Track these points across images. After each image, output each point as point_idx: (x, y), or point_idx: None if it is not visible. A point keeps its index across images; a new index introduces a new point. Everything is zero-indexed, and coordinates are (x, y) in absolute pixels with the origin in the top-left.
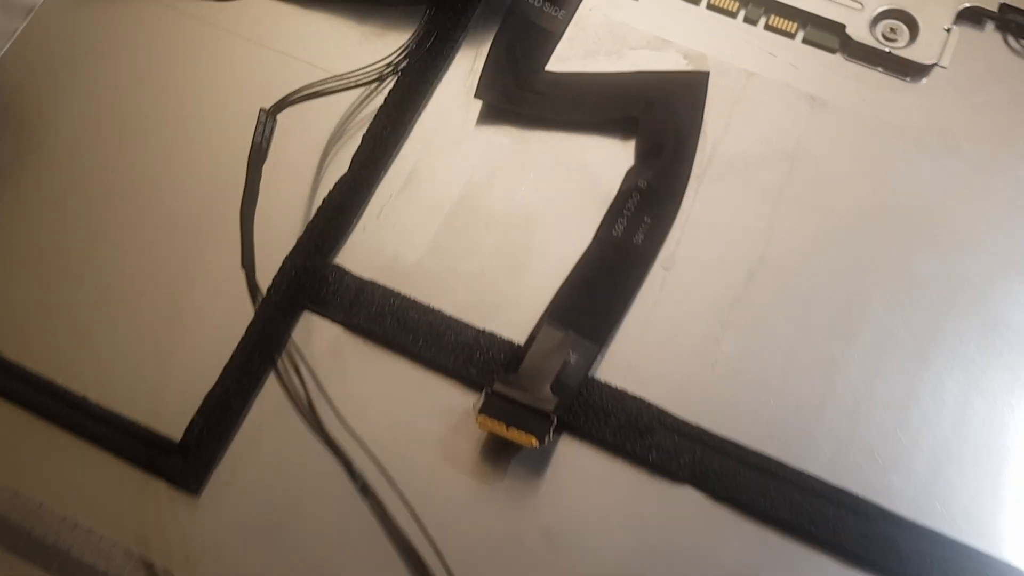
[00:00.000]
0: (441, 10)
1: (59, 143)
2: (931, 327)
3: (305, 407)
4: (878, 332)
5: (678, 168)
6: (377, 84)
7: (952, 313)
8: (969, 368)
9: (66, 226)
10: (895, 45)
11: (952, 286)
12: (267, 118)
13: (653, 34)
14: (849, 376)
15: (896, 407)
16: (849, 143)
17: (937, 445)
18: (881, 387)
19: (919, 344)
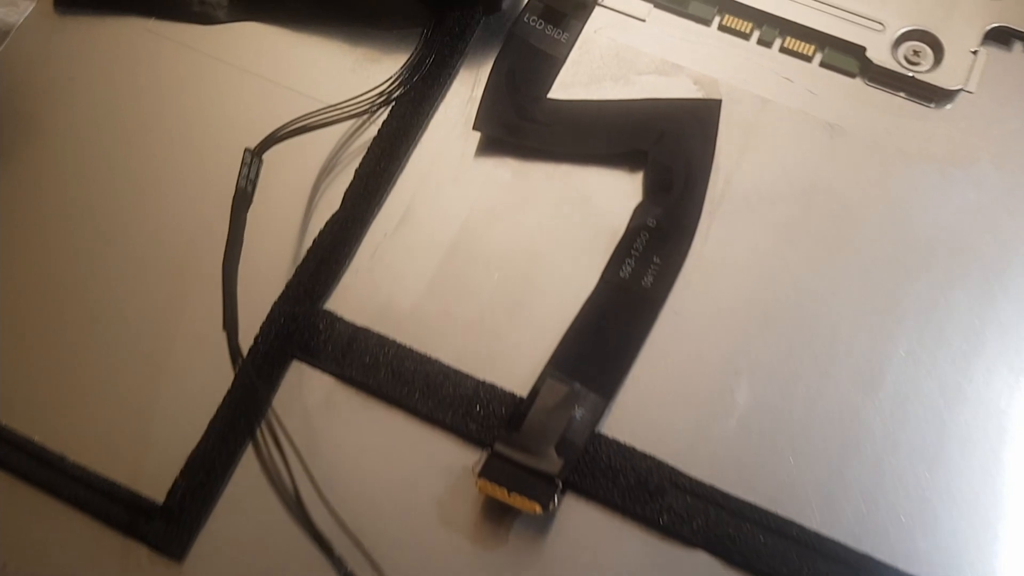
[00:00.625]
0: (438, 33)
1: (29, 184)
2: (958, 375)
3: (286, 491)
4: (902, 380)
5: (689, 205)
6: (370, 115)
7: (981, 358)
8: (1000, 420)
9: (40, 276)
10: (918, 69)
11: (981, 328)
12: (252, 159)
13: (662, 58)
14: (873, 430)
15: (922, 464)
16: (870, 174)
17: (967, 505)
18: (906, 442)
19: (946, 394)
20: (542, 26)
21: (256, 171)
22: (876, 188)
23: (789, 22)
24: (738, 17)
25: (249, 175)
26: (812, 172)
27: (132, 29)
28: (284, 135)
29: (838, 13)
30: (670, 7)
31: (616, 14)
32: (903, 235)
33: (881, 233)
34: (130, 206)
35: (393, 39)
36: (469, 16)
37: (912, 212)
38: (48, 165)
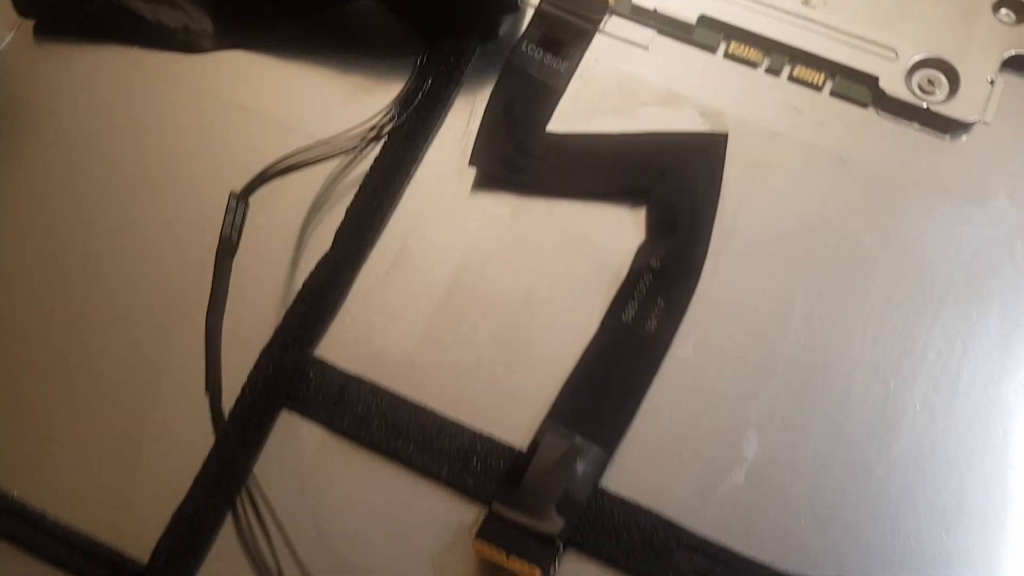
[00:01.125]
0: (432, 63)
1: (3, 227)
2: (977, 427)
3: (266, 567)
4: (918, 433)
5: (694, 245)
6: (361, 150)
7: (1001, 409)
8: (1023, 476)
9: (17, 327)
10: (933, 99)
11: (1000, 377)
12: (238, 203)
13: (665, 88)
14: (888, 487)
15: (940, 524)
16: (882, 211)
17: (987, 571)
18: (923, 500)
19: (964, 447)
20: (540, 55)
21: (242, 216)
22: (889, 225)
23: (798, 50)
24: (745, 44)
25: (234, 221)
26: (822, 208)
27: (114, 58)
28: (271, 175)
29: (849, 41)
30: (674, 34)
31: (617, 41)
32: (918, 275)
33: (895, 273)
34: (111, 251)
35: (385, 68)
36: (465, 45)
37: (927, 251)
38: (24, 205)
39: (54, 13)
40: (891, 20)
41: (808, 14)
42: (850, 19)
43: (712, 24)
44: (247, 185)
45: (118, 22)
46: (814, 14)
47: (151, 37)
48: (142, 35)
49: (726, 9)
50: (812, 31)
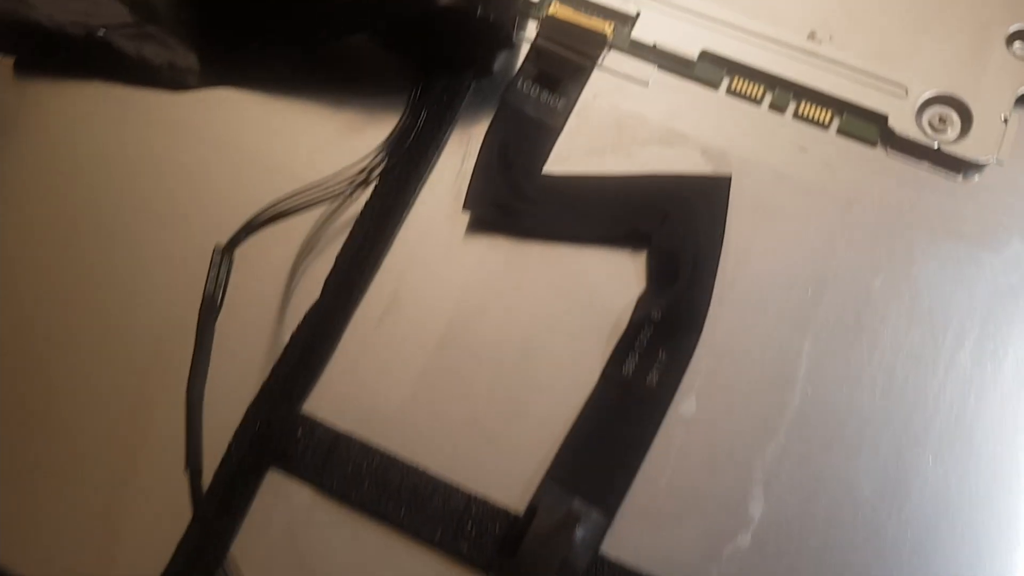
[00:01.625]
0: (425, 101)
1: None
2: (991, 486)
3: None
4: (931, 493)
5: (696, 295)
6: (350, 193)
7: (1017, 465)
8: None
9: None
10: (944, 138)
11: (1017, 431)
12: (222, 258)
13: (666, 126)
14: (900, 550)
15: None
16: (892, 255)
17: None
18: (937, 560)
19: (977, 508)
20: (537, 92)
21: (227, 272)
22: (899, 271)
23: (803, 86)
24: (748, 81)
25: (218, 278)
26: (829, 253)
27: (97, 96)
28: (257, 226)
29: (857, 77)
30: (675, 69)
31: (616, 78)
32: (929, 324)
33: (905, 321)
34: (85, 306)
35: (377, 106)
36: (458, 82)
37: (938, 298)
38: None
39: (34, 50)
40: (900, 55)
41: (814, 49)
42: (857, 54)
43: (714, 59)
44: (232, 238)
45: (100, 59)
46: (820, 49)
47: (135, 74)
48: (126, 72)
49: (729, 44)
50: (818, 67)
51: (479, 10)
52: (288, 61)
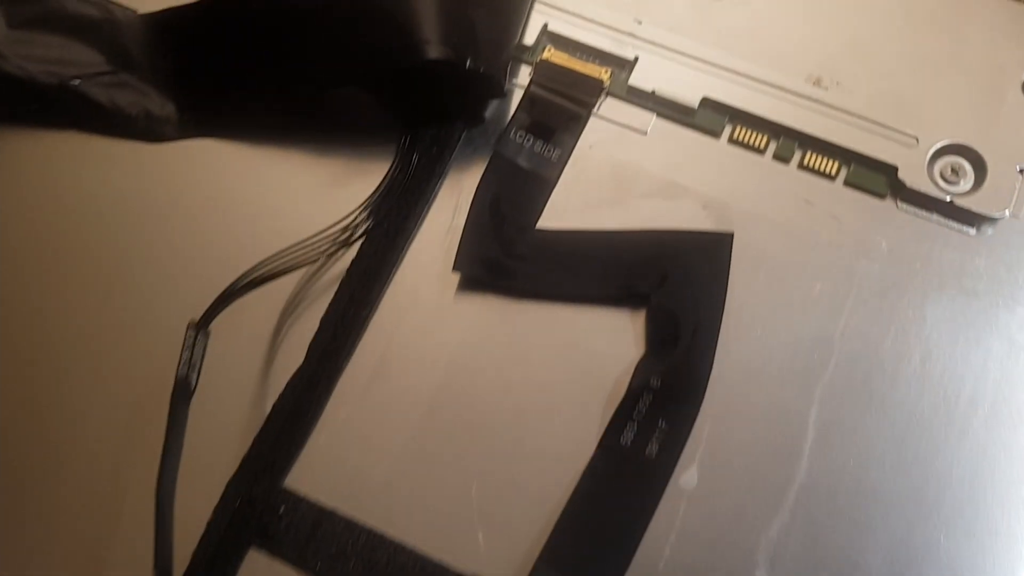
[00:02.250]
0: (414, 152)
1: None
2: (1007, 564)
3: None
4: (944, 571)
5: (697, 360)
6: (334, 252)
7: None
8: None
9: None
10: (957, 190)
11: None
12: (196, 336)
13: (666, 178)
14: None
15: None
16: (903, 314)
17: None
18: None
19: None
20: (530, 142)
21: (202, 350)
22: (910, 331)
23: (809, 136)
24: (751, 129)
25: (192, 359)
26: (836, 313)
27: (70, 148)
28: (234, 294)
29: (865, 125)
30: (675, 117)
31: (614, 126)
32: (942, 388)
33: (917, 385)
34: (53, 388)
35: (363, 156)
36: (448, 133)
37: (952, 360)
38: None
39: (5, 100)
40: (910, 102)
41: (819, 96)
42: (865, 101)
43: (715, 107)
44: (206, 313)
45: (74, 109)
46: (826, 96)
47: (110, 125)
48: (100, 123)
49: (731, 91)
50: (824, 115)
51: (468, 62)
52: (273, 111)
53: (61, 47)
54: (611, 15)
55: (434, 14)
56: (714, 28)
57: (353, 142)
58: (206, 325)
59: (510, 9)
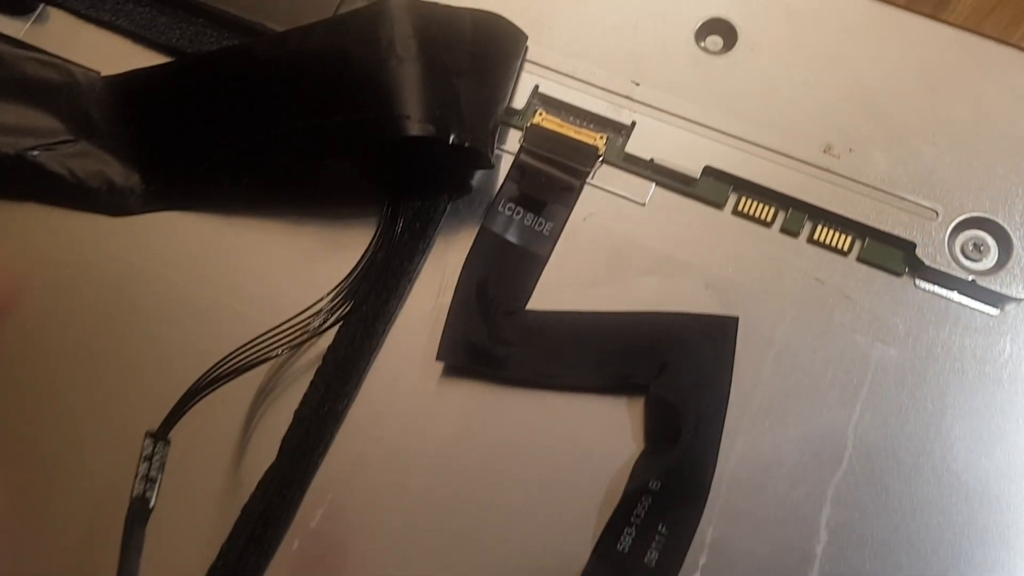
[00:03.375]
0: (396, 227)
1: None
2: None
3: None
4: None
5: (700, 457)
6: (304, 341)
7: None
8: None
9: None
10: (980, 267)
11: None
12: (154, 447)
13: (665, 253)
14: None
15: None
16: (921, 405)
17: None
18: None
19: None
20: (520, 215)
21: (160, 461)
22: (929, 423)
23: (819, 208)
24: (757, 200)
25: (149, 472)
26: (849, 402)
27: (28, 222)
28: (198, 394)
29: (880, 197)
30: (675, 187)
31: (610, 196)
32: (963, 489)
33: (936, 486)
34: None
35: (342, 230)
36: (432, 207)
37: (974, 457)
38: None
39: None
40: (929, 171)
41: (830, 164)
42: (881, 171)
43: (719, 176)
44: (166, 419)
45: (33, 181)
46: (837, 164)
47: (71, 197)
48: (60, 195)
49: (735, 158)
50: (835, 184)
51: (452, 137)
52: (246, 183)
53: (18, 114)
54: (606, 76)
55: (415, 85)
56: (717, 89)
57: (331, 215)
58: (165, 434)
59: (498, 75)
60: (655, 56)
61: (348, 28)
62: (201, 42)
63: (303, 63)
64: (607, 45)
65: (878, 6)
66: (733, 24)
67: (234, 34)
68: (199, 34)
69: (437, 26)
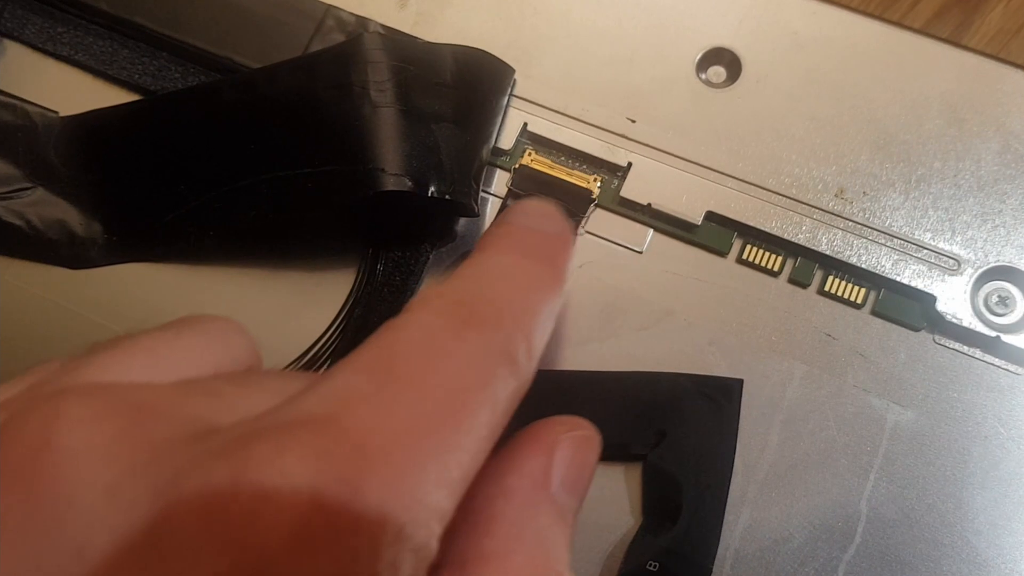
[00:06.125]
0: (376, 275)
1: None
2: None
3: None
4: None
5: (702, 535)
6: None
7: None
8: None
9: None
10: (1005, 322)
11: None
12: None
13: (665, 306)
14: None
15: None
16: (942, 474)
17: None
18: None
19: None
20: None
21: None
22: (949, 494)
23: (831, 257)
24: (763, 248)
25: None
26: (863, 471)
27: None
28: None
29: (897, 245)
30: (675, 233)
31: (604, 243)
32: (986, 568)
33: (956, 565)
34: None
35: (318, 282)
36: (414, 259)
37: (999, 532)
38: None
39: None
40: (951, 216)
41: (842, 209)
42: (897, 216)
43: (722, 222)
44: None
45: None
46: (850, 210)
47: (28, 249)
48: (16, 247)
49: (739, 202)
50: (848, 231)
51: (432, 189)
52: (208, 234)
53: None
54: (600, 112)
55: (391, 135)
56: (720, 126)
57: (307, 266)
58: None
59: (482, 117)
60: (653, 90)
61: (319, 70)
62: (165, 78)
63: (271, 108)
64: (601, 79)
65: (893, 31)
66: (737, 54)
67: (199, 69)
68: (163, 69)
69: (415, 66)
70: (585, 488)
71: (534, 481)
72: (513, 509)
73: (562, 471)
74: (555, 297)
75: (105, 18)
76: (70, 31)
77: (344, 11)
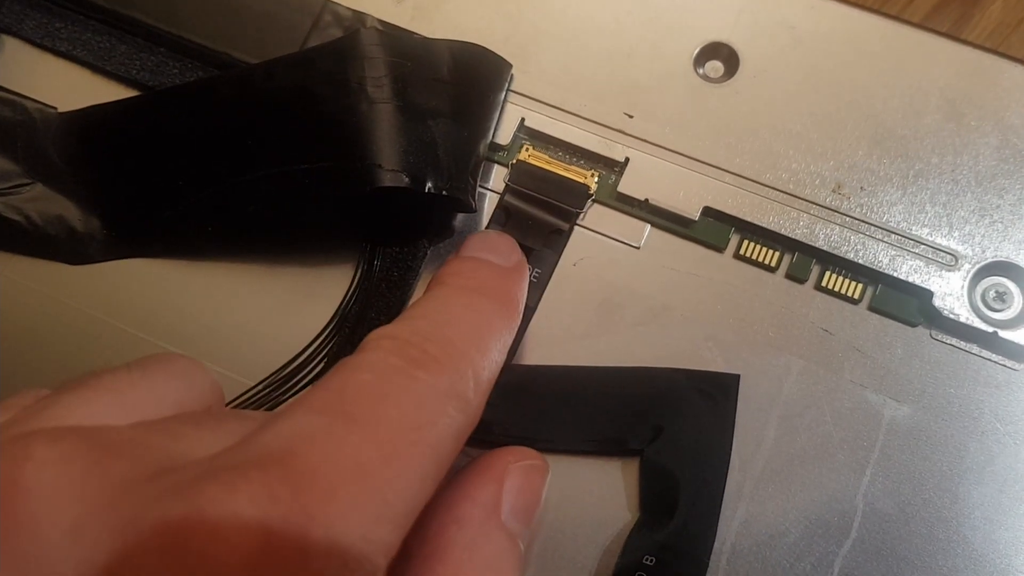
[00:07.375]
0: (374, 271)
1: None
2: None
3: None
4: None
5: (700, 529)
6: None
7: None
8: None
9: None
10: (1002, 318)
11: None
12: None
13: (661, 302)
14: None
15: None
16: (938, 470)
17: None
18: None
19: None
20: None
21: None
22: (945, 490)
23: (827, 252)
24: (761, 243)
25: None
26: (859, 466)
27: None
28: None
29: (894, 240)
30: (672, 229)
31: (602, 239)
32: (982, 564)
33: (951, 560)
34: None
35: (315, 279)
36: (411, 254)
37: (995, 528)
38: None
39: None
40: (948, 211)
41: (840, 205)
42: (894, 211)
43: (719, 217)
44: None
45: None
46: (847, 205)
47: (27, 245)
48: (16, 243)
49: (737, 198)
50: (845, 226)
51: (429, 186)
52: (215, 228)
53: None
54: (598, 108)
55: (388, 131)
56: (717, 121)
57: (303, 262)
58: None
59: (479, 112)
60: (650, 85)
61: (316, 66)
62: (163, 73)
63: (268, 104)
64: (598, 74)
65: (891, 25)
66: (735, 49)
67: (197, 64)
68: (160, 65)
69: (413, 62)
70: (534, 515)
71: (485, 509)
72: (465, 536)
73: (512, 499)
74: (507, 331)
75: (103, 13)
76: (68, 27)
77: (341, 6)
